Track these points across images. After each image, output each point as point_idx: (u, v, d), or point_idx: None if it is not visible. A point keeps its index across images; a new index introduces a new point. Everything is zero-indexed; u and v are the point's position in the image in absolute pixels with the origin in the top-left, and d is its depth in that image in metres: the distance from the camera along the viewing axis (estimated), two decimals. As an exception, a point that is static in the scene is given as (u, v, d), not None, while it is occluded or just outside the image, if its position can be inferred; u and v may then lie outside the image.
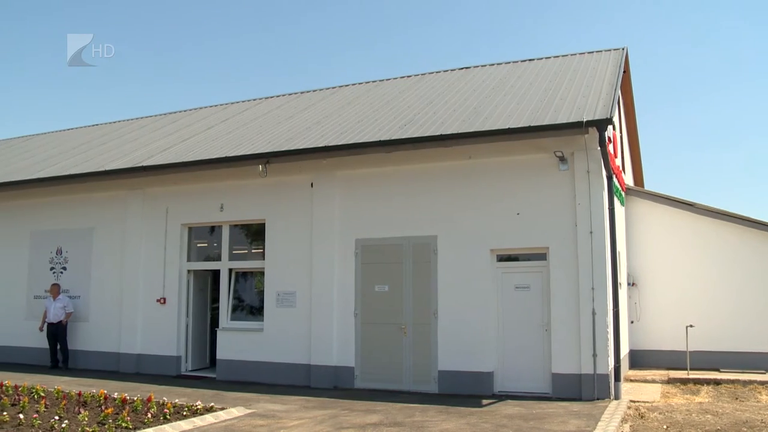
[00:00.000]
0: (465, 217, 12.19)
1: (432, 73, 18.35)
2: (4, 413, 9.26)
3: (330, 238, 13.15)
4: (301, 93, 19.76)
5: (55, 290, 15.95)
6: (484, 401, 10.97)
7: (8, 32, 57.14)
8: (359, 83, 19.29)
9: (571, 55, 16.77)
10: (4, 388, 11.14)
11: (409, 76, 18.53)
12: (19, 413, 9.19)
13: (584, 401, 10.72)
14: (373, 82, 19.02)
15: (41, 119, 61.22)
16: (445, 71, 18.23)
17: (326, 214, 13.25)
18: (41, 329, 15.78)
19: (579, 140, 11.32)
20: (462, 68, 18.05)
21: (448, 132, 11.85)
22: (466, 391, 11.64)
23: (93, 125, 23.59)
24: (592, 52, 16.48)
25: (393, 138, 12.23)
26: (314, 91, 19.62)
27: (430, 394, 11.89)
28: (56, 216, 16.84)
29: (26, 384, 11.43)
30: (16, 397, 10.33)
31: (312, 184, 13.47)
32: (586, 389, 10.91)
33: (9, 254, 17.41)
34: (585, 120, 10.71)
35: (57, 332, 15.70)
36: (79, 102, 63.34)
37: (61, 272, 16.54)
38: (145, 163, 14.80)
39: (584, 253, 11.24)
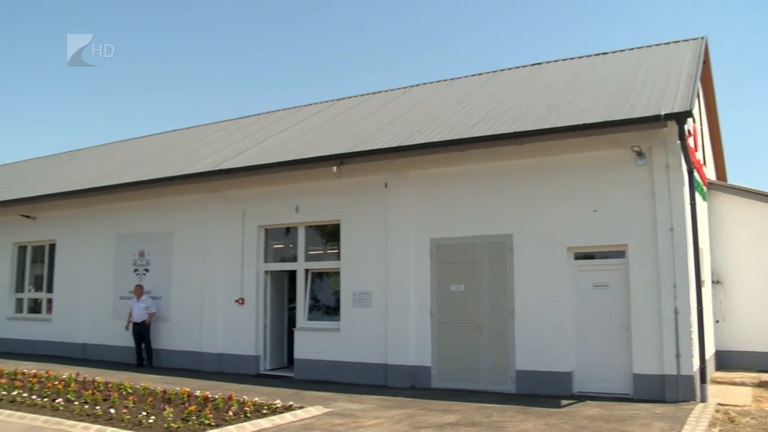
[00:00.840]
0: (541, 215, 12.02)
1: (503, 70, 18.14)
2: (97, 407, 9.78)
3: (405, 237, 13.19)
4: (373, 94, 19.84)
5: (139, 291, 16.54)
6: (563, 402, 10.80)
7: (8, 32, 58.85)
8: (430, 82, 19.24)
9: (647, 47, 16.27)
10: (95, 384, 11.65)
11: (480, 74, 18.37)
12: (110, 408, 9.60)
13: (668, 403, 10.39)
14: (444, 81, 18.93)
15: (41, 119, 63.20)
16: (516, 68, 17.99)
17: (401, 214, 13.29)
18: (127, 328, 16.40)
19: (657, 134, 11.00)
20: (534, 64, 17.76)
21: (522, 129, 11.71)
22: (545, 391, 11.49)
23: (170, 131, 24.35)
24: (669, 43, 15.95)
25: (466, 137, 12.15)
26: (386, 91, 19.66)
27: (508, 394, 11.78)
28: (139, 219, 17.47)
29: (115, 381, 11.90)
30: (107, 393, 10.86)
31: (386, 185, 13.53)
32: (670, 391, 10.58)
33: (97, 256, 18.17)
34: (663, 113, 10.37)
35: (141, 331, 16.29)
36: (80, 103, 65.11)
37: (144, 273, 17.12)
38: (222, 167, 15.16)
39: (665, 251, 10.92)
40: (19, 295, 20.55)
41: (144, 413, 9.30)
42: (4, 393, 11.03)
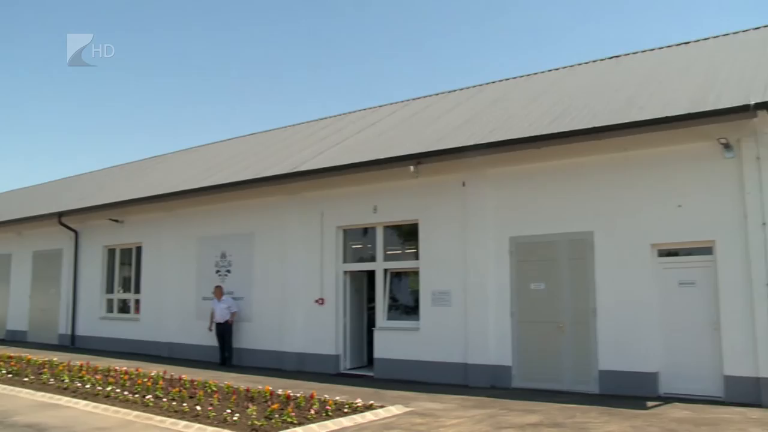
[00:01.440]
0: (622, 212, 11.72)
1: (581, 64, 17.79)
2: (184, 404, 10.10)
3: (484, 236, 13.09)
4: (448, 93, 19.75)
5: (218, 292, 16.98)
6: (649, 403, 10.48)
7: (8, 32, 60.45)
8: (505, 79, 19.03)
9: (732, 33, 15.65)
10: (182, 382, 12.04)
11: (557, 69, 18.07)
12: (196, 405, 9.93)
13: (764, 408, 9.91)
14: (521, 77, 18.67)
15: (41, 119, 64.88)
16: (594, 61, 17.62)
17: (479, 213, 13.19)
18: (210, 329, 16.84)
19: (746, 125, 10.54)
20: (612, 57, 17.34)
21: (602, 124, 11.41)
22: (629, 392, 11.19)
23: (248, 135, 24.94)
24: (758, 27, 15.28)
25: (544, 133, 11.94)
26: (461, 90, 19.56)
27: (591, 394, 11.54)
28: (220, 222, 17.92)
29: (200, 379, 12.25)
30: (193, 391, 11.18)
31: (464, 183, 13.45)
32: (767, 395, 10.13)
33: (180, 258, 18.77)
34: (753, 102, 9.89)
35: (224, 331, 16.71)
36: (80, 103, 66.54)
37: (226, 275, 17.55)
38: (300, 168, 15.39)
39: (756, 246, 10.46)
40: (109, 296, 21.48)
41: (228, 411, 9.54)
42: (100, 388, 11.61)
